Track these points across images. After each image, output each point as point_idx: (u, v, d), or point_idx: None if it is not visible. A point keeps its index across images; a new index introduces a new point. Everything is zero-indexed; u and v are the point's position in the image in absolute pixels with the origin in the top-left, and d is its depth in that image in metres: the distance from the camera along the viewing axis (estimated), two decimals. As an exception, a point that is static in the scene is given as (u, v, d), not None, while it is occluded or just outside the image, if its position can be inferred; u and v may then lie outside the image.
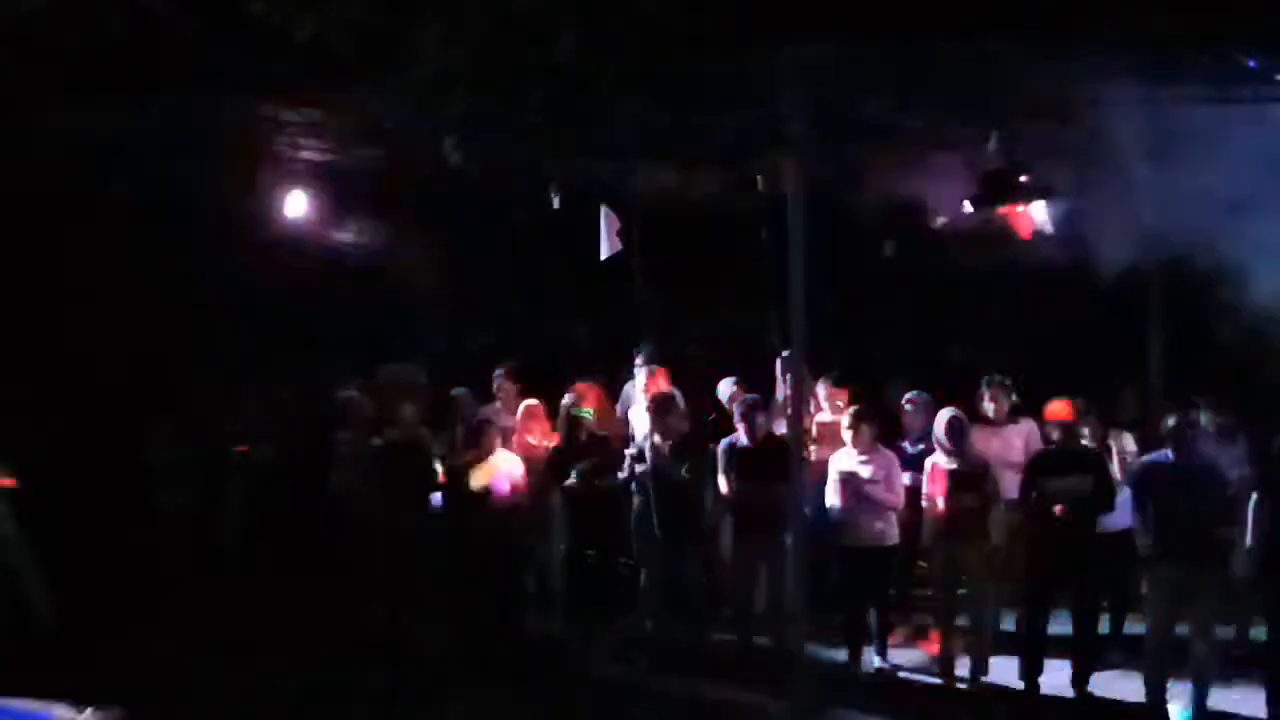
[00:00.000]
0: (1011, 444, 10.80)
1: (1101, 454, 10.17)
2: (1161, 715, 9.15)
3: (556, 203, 12.33)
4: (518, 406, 11.66)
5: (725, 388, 11.75)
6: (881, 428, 10.58)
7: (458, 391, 11.78)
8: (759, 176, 11.29)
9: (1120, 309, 13.03)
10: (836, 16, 8.10)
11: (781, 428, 10.54)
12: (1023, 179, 11.99)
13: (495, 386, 12.19)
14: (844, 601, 10.37)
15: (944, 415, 10.09)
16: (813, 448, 10.83)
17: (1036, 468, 9.79)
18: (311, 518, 11.25)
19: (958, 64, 8.94)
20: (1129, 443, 10.78)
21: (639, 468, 10.71)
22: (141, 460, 11.97)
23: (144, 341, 12.46)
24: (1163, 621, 9.19)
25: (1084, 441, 10.06)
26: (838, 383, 11.57)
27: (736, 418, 10.68)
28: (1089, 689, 9.61)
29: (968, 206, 11.38)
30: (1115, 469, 10.31)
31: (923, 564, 10.70)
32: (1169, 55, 8.63)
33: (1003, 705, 9.59)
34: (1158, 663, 9.19)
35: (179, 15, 8.09)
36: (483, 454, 10.56)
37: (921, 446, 10.64)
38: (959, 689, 9.82)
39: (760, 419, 10.51)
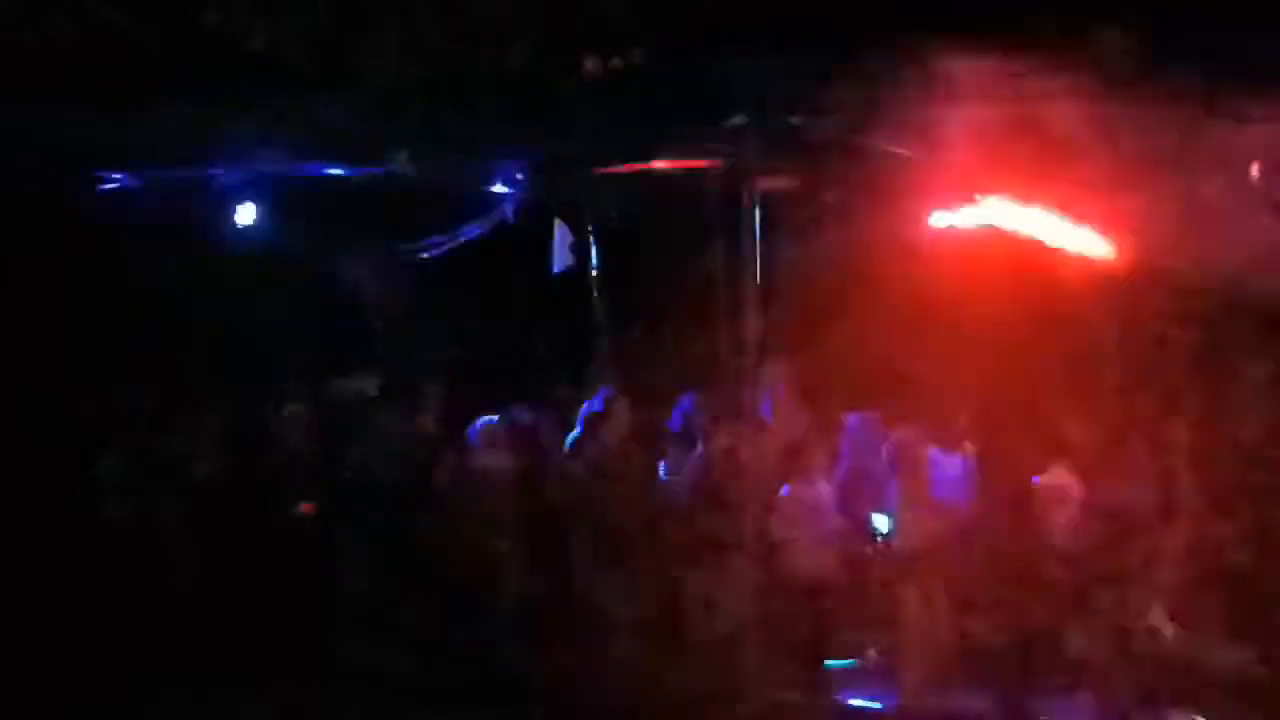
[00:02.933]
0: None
1: None
2: None
3: (510, 214, 12.33)
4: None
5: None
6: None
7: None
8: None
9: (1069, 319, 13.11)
10: (793, 29, 8.11)
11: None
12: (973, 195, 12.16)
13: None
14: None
15: (894, 437, 9.92)
16: None
17: None
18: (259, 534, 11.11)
19: (911, 77, 8.96)
20: None
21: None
22: (90, 471, 11.71)
23: (91, 349, 12.30)
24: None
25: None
26: None
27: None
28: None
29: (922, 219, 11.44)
30: None
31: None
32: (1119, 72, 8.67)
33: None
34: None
35: (131, 23, 8.01)
36: None
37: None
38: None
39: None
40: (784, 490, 10.01)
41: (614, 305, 14.10)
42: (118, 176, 11.09)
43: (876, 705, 9.72)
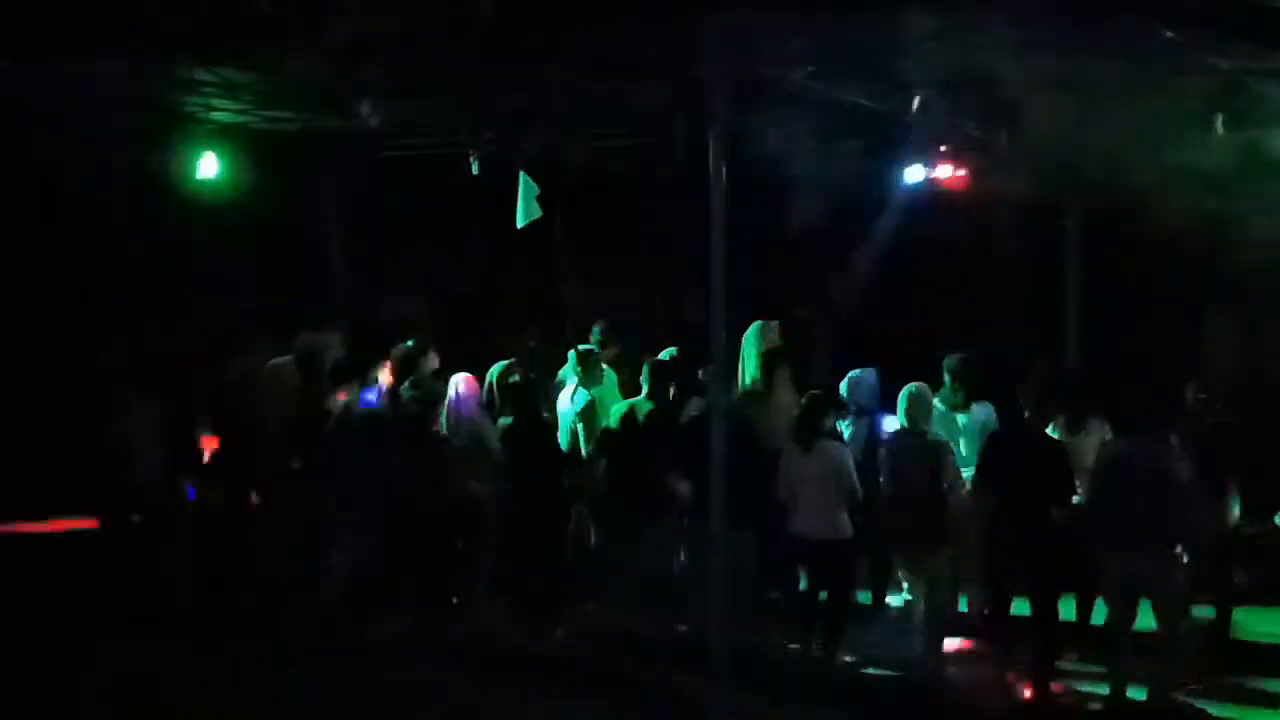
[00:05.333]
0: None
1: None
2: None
3: (475, 168, 12.26)
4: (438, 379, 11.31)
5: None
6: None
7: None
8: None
9: (1037, 273, 13.18)
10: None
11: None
12: (942, 147, 12.19)
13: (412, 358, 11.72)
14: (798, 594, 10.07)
15: (908, 390, 9.56)
16: None
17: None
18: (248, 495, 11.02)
19: (880, 31, 8.90)
20: None
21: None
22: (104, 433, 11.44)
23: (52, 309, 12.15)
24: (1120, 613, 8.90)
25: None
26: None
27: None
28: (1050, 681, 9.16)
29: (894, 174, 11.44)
30: None
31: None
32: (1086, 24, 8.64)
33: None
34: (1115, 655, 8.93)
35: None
36: None
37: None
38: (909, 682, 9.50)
39: None
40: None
41: (578, 259, 14.11)
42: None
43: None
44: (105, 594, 10.52)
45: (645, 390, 10.43)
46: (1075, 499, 9.12)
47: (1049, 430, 9.38)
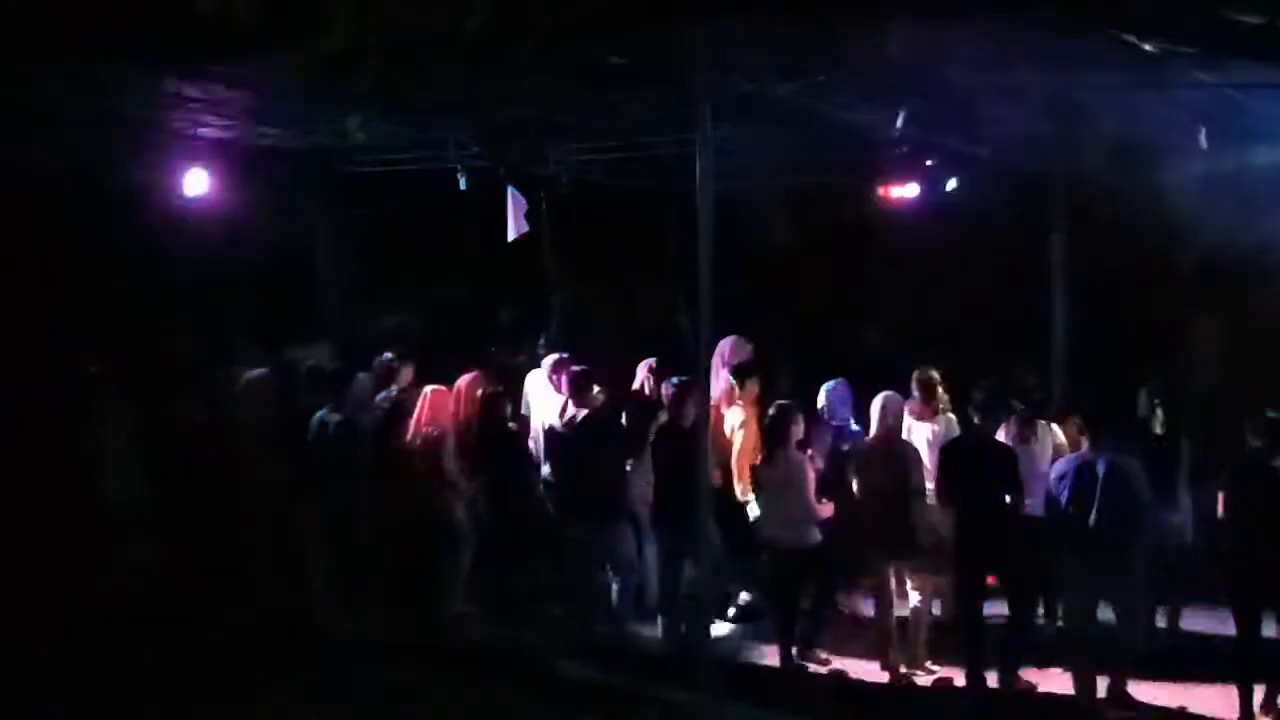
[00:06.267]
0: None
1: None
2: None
3: (464, 183, 12.30)
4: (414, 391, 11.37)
5: (644, 370, 11.32)
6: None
7: (360, 377, 11.53)
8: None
9: (1023, 285, 13.25)
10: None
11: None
12: (929, 162, 12.25)
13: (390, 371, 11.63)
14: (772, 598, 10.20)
15: (879, 398, 9.81)
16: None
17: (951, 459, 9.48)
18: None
19: (866, 45, 8.94)
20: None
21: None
22: (87, 447, 11.41)
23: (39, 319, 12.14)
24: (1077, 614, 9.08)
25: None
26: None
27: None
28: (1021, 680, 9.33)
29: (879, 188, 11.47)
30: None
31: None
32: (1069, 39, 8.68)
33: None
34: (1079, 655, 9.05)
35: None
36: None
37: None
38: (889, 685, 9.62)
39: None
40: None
41: (566, 271, 14.17)
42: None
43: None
44: (96, 594, 10.58)
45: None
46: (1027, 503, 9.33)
47: (998, 435, 9.56)
